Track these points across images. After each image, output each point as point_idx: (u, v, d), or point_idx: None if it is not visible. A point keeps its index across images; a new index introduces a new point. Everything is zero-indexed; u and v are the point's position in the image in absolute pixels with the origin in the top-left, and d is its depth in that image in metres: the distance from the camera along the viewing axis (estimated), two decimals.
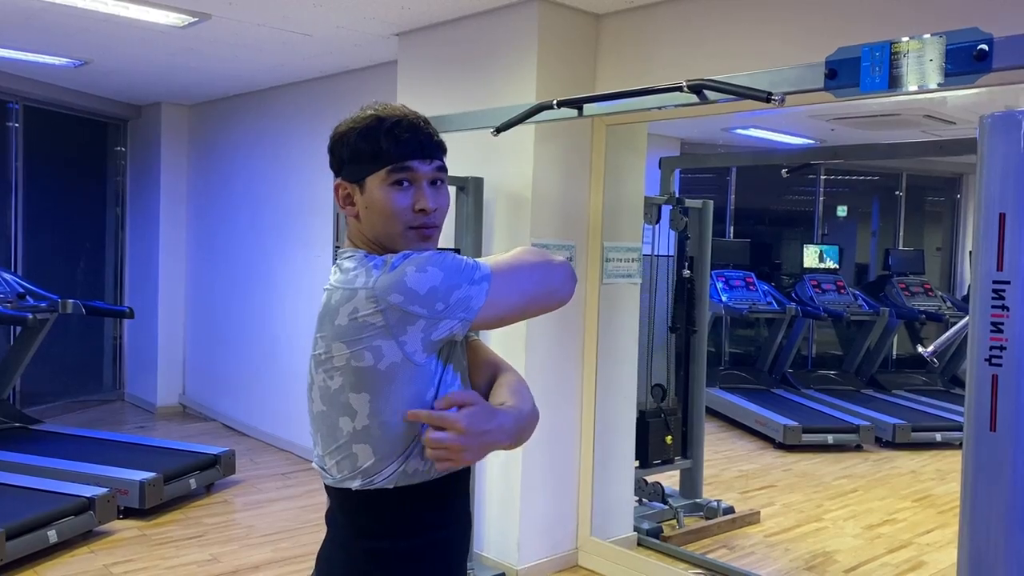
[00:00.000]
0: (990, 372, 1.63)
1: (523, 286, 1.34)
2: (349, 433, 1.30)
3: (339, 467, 1.32)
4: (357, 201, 1.39)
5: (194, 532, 4.31)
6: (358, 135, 1.38)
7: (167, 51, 4.97)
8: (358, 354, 1.26)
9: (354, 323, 1.26)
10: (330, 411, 1.32)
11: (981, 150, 1.66)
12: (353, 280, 1.30)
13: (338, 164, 1.41)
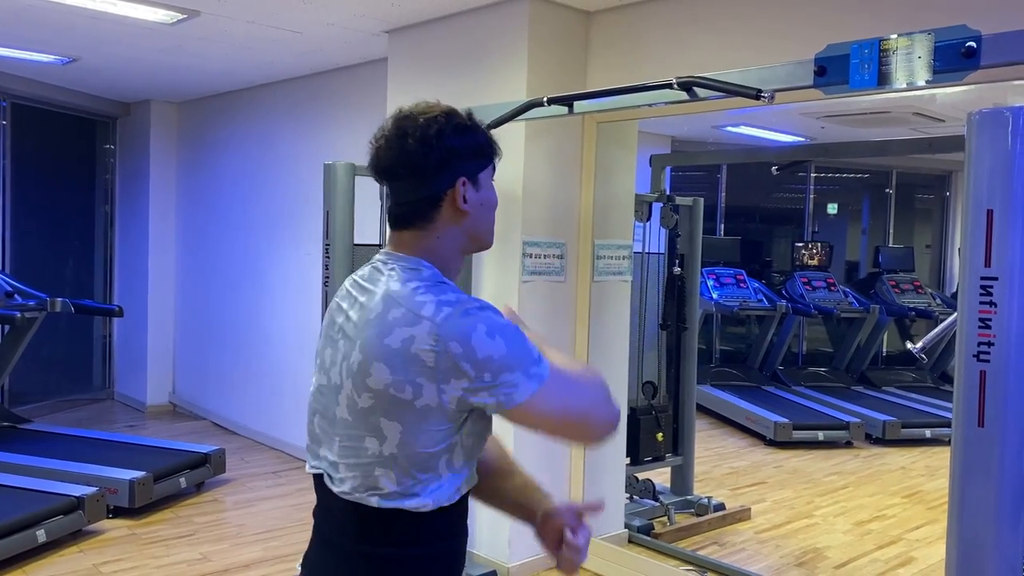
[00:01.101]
0: (978, 368, 1.64)
1: (569, 404, 1.29)
2: (375, 455, 1.26)
3: (354, 481, 1.29)
4: (471, 199, 1.34)
5: (184, 531, 4.29)
6: (469, 129, 1.34)
7: (156, 48, 4.95)
8: (399, 384, 1.22)
9: (406, 352, 1.22)
10: (356, 424, 1.28)
11: (969, 147, 1.67)
12: (420, 305, 1.24)
13: (459, 160, 1.32)
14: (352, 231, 3.24)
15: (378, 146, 1.35)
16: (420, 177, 1.31)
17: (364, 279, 1.35)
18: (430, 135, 1.30)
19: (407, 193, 1.33)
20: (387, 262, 1.35)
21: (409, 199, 1.33)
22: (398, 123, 1.33)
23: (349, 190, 3.22)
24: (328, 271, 3.22)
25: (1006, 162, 1.61)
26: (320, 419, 1.36)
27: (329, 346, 1.35)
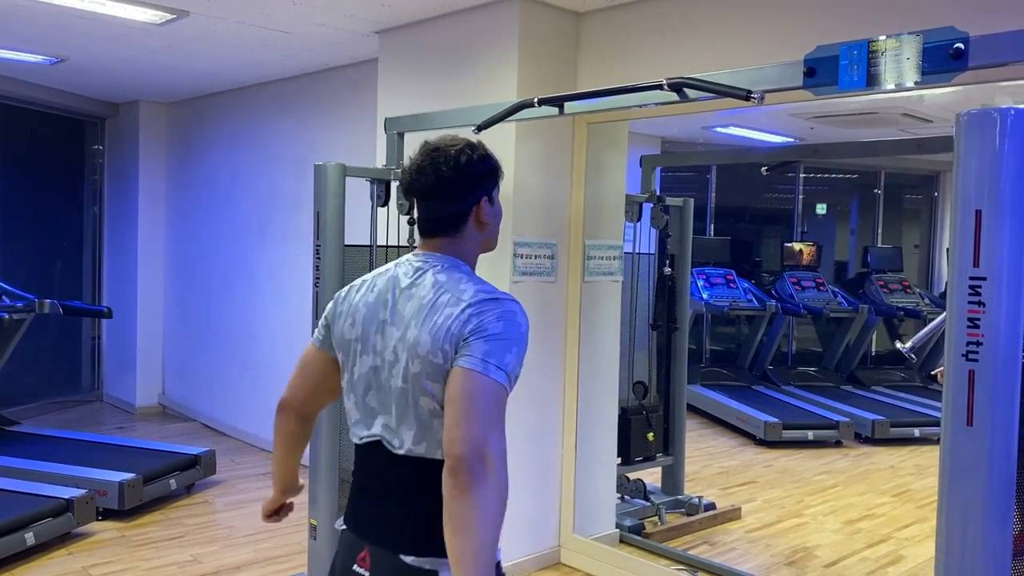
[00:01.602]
0: (967, 367, 1.65)
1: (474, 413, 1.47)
2: (430, 411, 1.54)
3: (415, 439, 1.55)
4: (488, 213, 1.68)
5: (174, 533, 4.28)
6: (488, 158, 1.68)
7: (145, 48, 4.93)
8: (434, 350, 1.52)
9: (445, 327, 1.52)
10: (410, 389, 1.55)
11: (957, 148, 1.68)
12: (463, 292, 1.56)
13: (484, 181, 1.66)
14: (343, 232, 3.23)
15: (413, 173, 1.64)
16: (452, 198, 1.63)
17: (407, 275, 1.63)
18: (461, 164, 1.62)
19: (440, 210, 1.64)
20: (428, 260, 1.64)
21: (441, 215, 1.64)
22: (431, 155, 1.63)
23: (340, 191, 3.21)
24: (319, 272, 3.21)
25: (994, 162, 1.62)
26: (375, 393, 1.61)
27: (377, 332, 1.61)
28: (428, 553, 1.54)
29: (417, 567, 1.54)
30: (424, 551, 1.54)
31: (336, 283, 3.22)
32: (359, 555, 1.62)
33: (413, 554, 1.55)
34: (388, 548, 1.58)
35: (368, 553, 1.61)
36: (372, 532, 1.62)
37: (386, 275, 1.67)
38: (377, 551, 1.59)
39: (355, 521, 1.66)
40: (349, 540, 1.67)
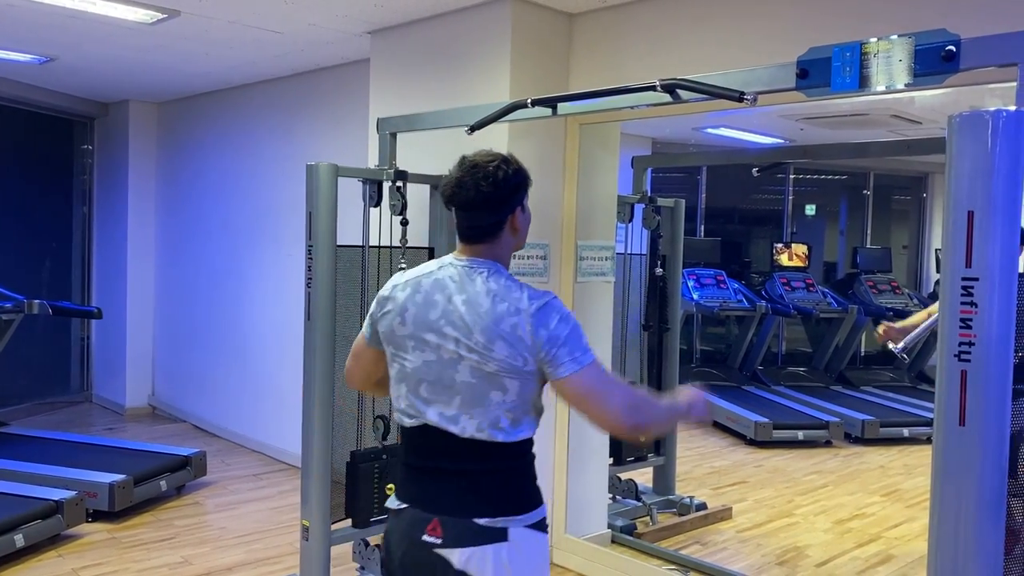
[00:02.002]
0: (959, 367, 1.66)
1: (593, 392, 1.76)
2: (499, 403, 1.77)
3: (478, 424, 1.78)
4: (521, 220, 1.89)
5: (165, 534, 4.26)
6: (520, 171, 1.88)
7: (135, 48, 4.91)
8: (513, 356, 1.75)
9: (515, 334, 1.74)
10: (480, 384, 1.77)
11: (950, 149, 1.69)
12: (517, 300, 1.77)
13: (518, 191, 1.87)
14: (335, 232, 3.22)
15: (454, 187, 1.83)
16: (490, 209, 1.84)
17: (453, 279, 1.83)
18: (499, 179, 1.82)
19: (480, 220, 1.84)
20: (471, 265, 1.84)
21: (481, 224, 1.84)
22: (471, 171, 1.83)
23: (332, 191, 3.20)
24: (311, 272, 3.21)
25: (986, 164, 1.63)
26: (428, 386, 1.82)
27: (430, 332, 1.81)
28: (499, 514, 1.79)
29: (490, 527, 1.78)
30: (496, 513, 1.79)
31: (328, 283, 3.22)
32: (428, 526, 1.80)
33: (487, 516, 1.78)
34: (461, 515, 1.79)
35: (438, 523, 1.79)
36: (442, 504, 1.81)
37: (430, 278, 1.86)
38: (448, 519, 1.79)
39: (420, 497, 1.84)
40: (413, 515, 1.83)
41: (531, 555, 1.81)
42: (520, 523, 1.80)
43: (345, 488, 3.43)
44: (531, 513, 1.82)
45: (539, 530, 1.84)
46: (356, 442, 3.49)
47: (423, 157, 3.82)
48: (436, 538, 1.79)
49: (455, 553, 1.77)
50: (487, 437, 1.79)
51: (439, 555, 1.78)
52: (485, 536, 1.77)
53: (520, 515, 1.80)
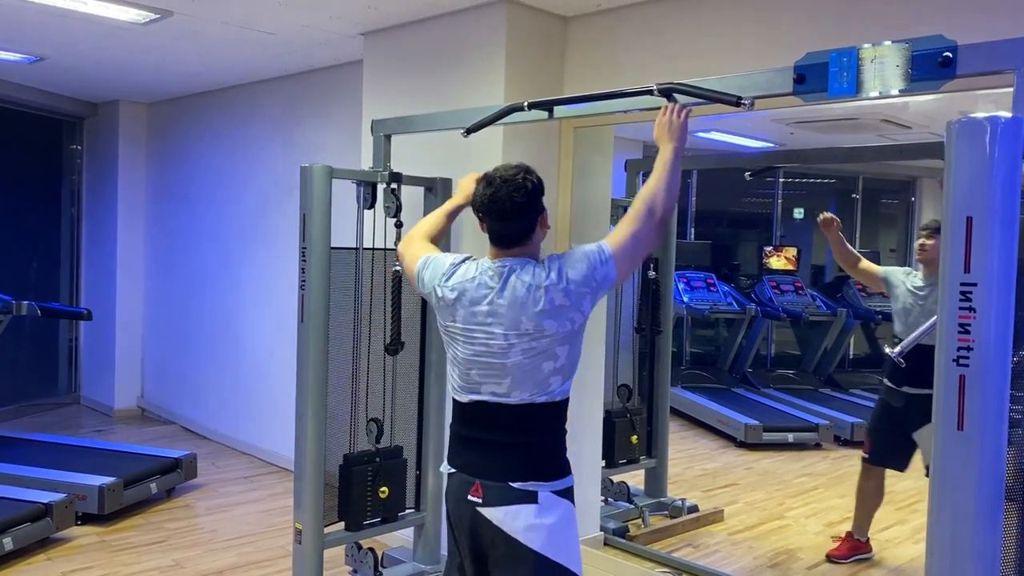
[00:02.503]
0: (958, 372, 1.67)
1: (636, 249, 2.14)
2: (550, 370, 2.09)
3: (530, 396, 2.10)
4: (545, 221, 2.19)
5: (155, 538, 4.24)
6: (538, 177, 2.18)
7: (127, 48, 4.88)
8: (562, 324, 2.06)
9: (555, 306, 2.05)
10: (532, 362, 2.08)
11: (948, 155, 1.70)
12: (545, 278, 2.07)
13: (541, 195, 2.17)
14: (329, 234, 3.21)
15: (489, 202, 2.12)
16: (525, 215, 2.13)
17: (493, 280, 2.12)
18: (529, 189, 2.13)
19: (517, 226, 2.14)
20: (506, 265, 2.13)
21: (519, 229, 2.14)
22: (504, 185, 2.12)
23: (326, 193, 3.19)
24: (305, 275, 3.20)
25: (985, 169, 1.64)
26: (479, 370, 2.14)
27: (480, 327, 2.11)
28: (530, 479, 2.09)
29: (522, 489, 2.08)
30: (527, 478, 2.09)
31: (322, 285, 3.21)
32: (471, 489, 2.13)
33: (520, 480, 2.08)
34: (498, 479, 2.10)
35: (480, 486, 2.11)
36: (484, 470, 2.13)
37: (474, 282, 2.15)
38: (488, 483, 2.11)
39: (466, 465, 2.18)
40: (460, 480, 2.17)
41: (558, 517, 2.10)
42: (548, 488, 2.09)
43: (338, 491, 3.42)
44: (558, 481, 2.13)
45: (565, 497, 2.13)
46: (349, 444, 3.48)
47: (417, 159, 3.81)
48: (478, 498, 2.11)
49: (493, 512, 2.09)
50: (531, 400, 2.10)
51: (480, 513, 2.11)
52: (518, 497, 2.07)
53: (548, 481, 2.10)
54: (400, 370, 3.62)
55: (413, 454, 3.69)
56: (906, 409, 3.90)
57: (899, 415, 3.93)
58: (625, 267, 2.13)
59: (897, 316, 4.04)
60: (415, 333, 3.65)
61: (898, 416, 3.94)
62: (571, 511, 2.16)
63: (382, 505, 3.49)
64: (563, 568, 2.11)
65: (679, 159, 2.24)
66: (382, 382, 3.56)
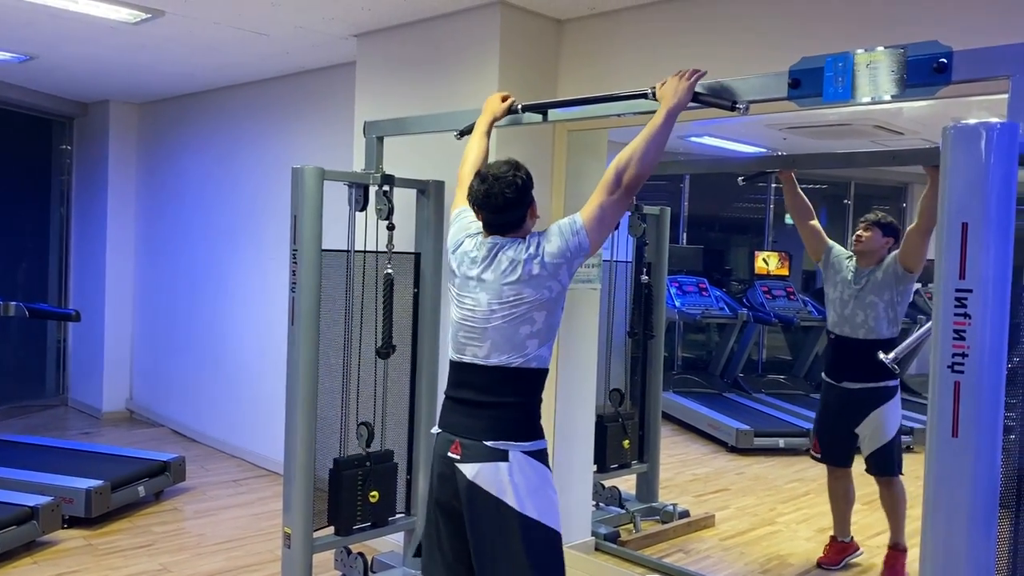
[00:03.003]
0: (952, 379, 1.66)
1: (604, 218, 2.29)
2: (527, 333, 2.29)
3: (508, 359, 2.30)
4: (534, 211, 2.41)
5: (143, 541, 4.20)
6: (527, 172, 2.39)
7: (118, 48, 4.85)
8: (539, 291, 2.27)
9: (533, 277, 2.27)
10: (510, 326, 2.28)
11: (944, 161, 1.69)
12: (526, 250, 2.29)
13: (530, 189, 2.38)
14: (320, 236, 3.19)
15: (483, 197, 2.34)
16: (516, 208, 2.35)
17: (483, 256, 2.35)
18: (518, 184, 2.34)
19: (508, 217, 2.35)
20: (496, 242, 2.35)
21: (509, 220, 2.36)
22: (496, 182, 2.32)
23: (317, 195, 3.17)
24: (295, 277, 3.17)
25: (980, 175, 1.64)
26: (467, 332, 2.35)
27: (469, 293, 2.36)
28: (502, 439, 2.27)
29: (495, 448, 2.26)
30: (499, 438, 2.27)
31: (313, 288, 3.19)
32: (451, 447, 2.33)
33: (492, 439, 2.27)
34: (474, 438, 2.29)
35: (459, 444, 2.31)
36: (463, 429, 2.33)
37: (469, 255, 2.39)
38: (466, 441, 2.30)
39: (450, 424, 2.37)
40: (444, 438, 2.37)
41: (528, 476, 2.27)
42: (518, 448, 2.27)
43: (328, 495, 3.40)
44: (529, 443, 2.30)
45: (535, 458, 2.30)
46: (340, 449, 3.45)
47: (409, 161, 3.80)
48: (456, 455, 2.31)
49: (468, 467, 2.28)
50: (507, 363, 2.29)
51: (458, 468, 2.29)
52: (491, 455, 2.26)
53: (519, 442, 2.28)
54: (391, 374, 3.60)
55: (404, 458, 3.67)
56: (847, 404, 3.90)
57: (841, 410, 3.94)
58: (596, 236, 2.29)
59: (831, 305, 3.97)
60: (407, 336, 3.63)
61: (840, 412, 3.94)
62: (542, 470, 2.32)
63: (372, 509, 3.46)
64: (541, 524, 2.27)
65: (672, 122, 2.32)
66: (373, 386, 3.54)
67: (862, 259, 3.91)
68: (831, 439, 4.04)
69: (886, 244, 3.92)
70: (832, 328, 3.96)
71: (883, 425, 3.83)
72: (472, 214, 2.47)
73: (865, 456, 3.91)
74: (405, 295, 3.62)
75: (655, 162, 2.31)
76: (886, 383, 3.81)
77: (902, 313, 3.83)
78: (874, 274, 3.85)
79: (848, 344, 3.86)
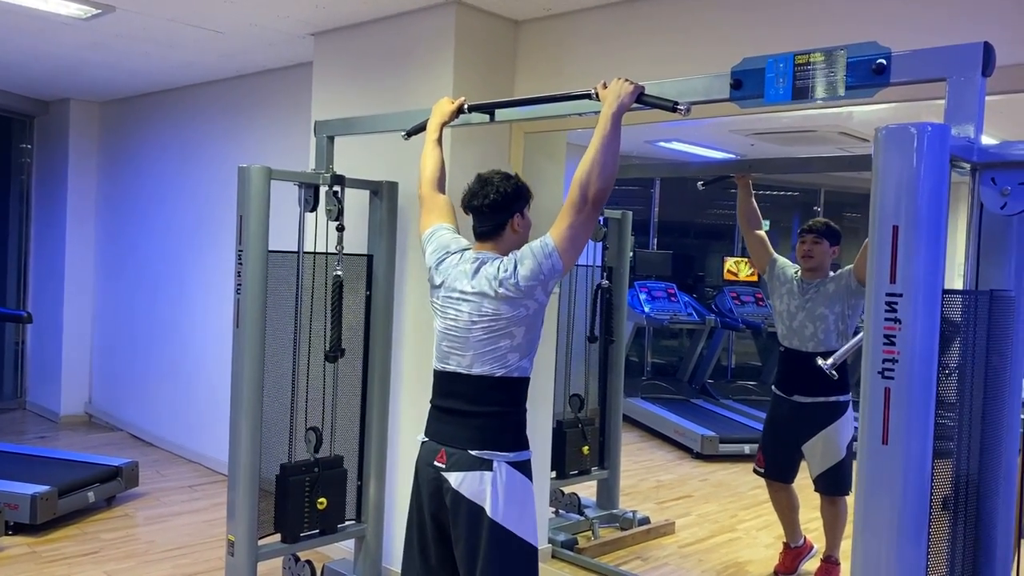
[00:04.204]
0: (883, 385, 1.63)
1: (575, 237, 2.29)
2: (507, 347, 2.32)
3: (490, 370, 2.33)
4: (520, 223, 2.43)
5: (89, 548, 4.10)
6: (520, 186, 2.44)
7: (74, 45, 4.76)
8: (516, 308, 2.30)
9: (509, 297, 2.29)
10: (492, 338, 2.32)
11: (876, 163, 1.66)
12: (505, 270, 2.30)
13: (517, 202, 2.42)
14: (267, 237, 3.13)
15: (469, 198, 2.42)
16: (497, 213, 2.40)
17: (467, 270, 2.38)
18: (502, 191, 2.39)
19: (489, 222, 2.41)
20: (479, 258, 2.39)
21: (491, 225, 2.41)
22: (483, 185, 2.41)
23: (264, 194, 3.11)
24: (241, 278, 3.11)
25: (911, 178, 1.61)
26: (450, 342, 2.39)
27: (452, 305, 2.39)
28: (487, 448, 2.31)
29: (480, 457, 2.30)
30: (484, 447, 2.31)
31: (259, 290, 3.12)
32: (437, 456, 2.36)
33: (478, 449, 2.30)
34: (459, 447, 2.32)
35: (444, 453, 2.35)
36: (448, 437, 2.36)
37: (454, 270, 2.41)
38: (451, 450, 2.33)
39: (436, 433, 2.41)
40: (429, 447, 2.41)
41: (510, 486, 2.29)
42: (503, 459, 2.29)
43: (275, 501, 3.32)
44: (513, 453, 2.32)
45: (519, 469, 2.32)
46: (287, 454, 3.38)
47: (363, 162, 3.74)
48: (442, 463, 2.34)
49: (453, 476, 2.31)
50: (489, 372, 2.32)
51: (444, 476, 2.33)
52: (475, 464, 2.29)
53: (503, 452, 2.30)
54: (341, 378, 3.54)
55: (354, 464, 3.60)
56: (797, 419, 3.83)
57: (789, 425, 3.86)
58: (569, 256, 2.30)
59: (779, 317, 3.90)
60: (358, 340, 3.57)
61: (788, 426, 3.87)
62: (525, 483, 2.34)
63: (320, 516, 3.39)
64: (513, 535, 2.28)
65: (618, 125, 2.28)
66: (322, 390, 3.47)
67: (809, 272, 3.84)
68: (777, 453, 3.96)
69: (833, 254, 3.87)
70: (782, 340, 3.90)
71: (834, 443, 3.75)
72: (449, 232, 2.54)
73: (814, 476, 3.83)
74: (358, 298, 3.56)
75: (614, 171, 2.27)
76: (837, 398, 3.75)
77: (852, 326, 3.76)
78: (824, 286, 3.76)
79: (798, 357, 3.79)
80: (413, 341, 3.70)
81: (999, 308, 1.82)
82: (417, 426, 3.75)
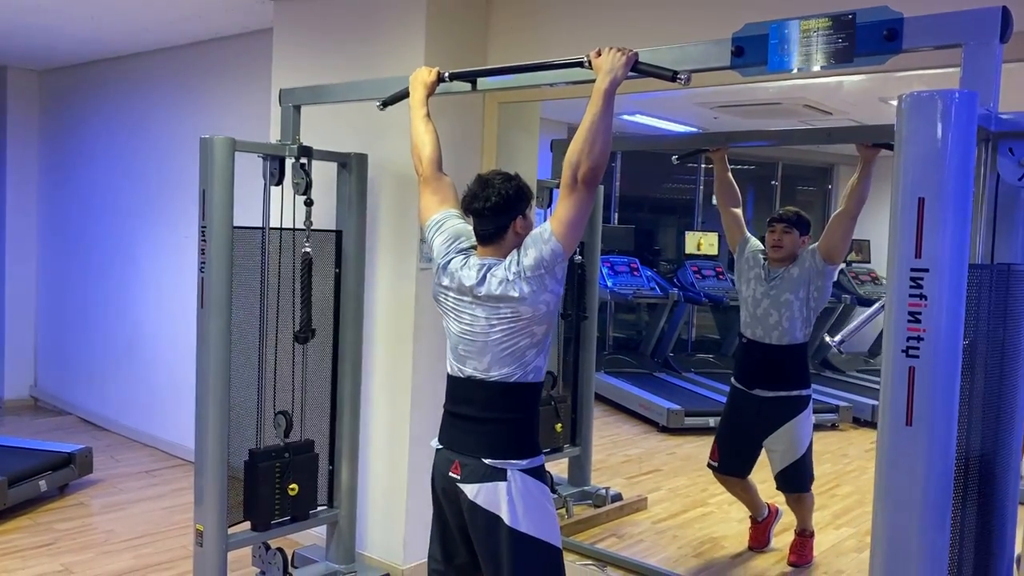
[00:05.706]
0: (907, 364, 1.56)
1: (572, 220, 2.21)
2: (527, 345, 2.26)
3: (507, 374, 2.27)
4: (522, 226, 2.33)
5: (44, 540, 3.92)
6: (521, 188, 2.34)
7: (8, 7, 4.47)
8: (537, 307, 2.23)
9: (523, 295, 2.22)
10: (511, 338, 2.25)
11: (899, 132, 1.58)
12: (508, 275, 2.24)
13: (518, 204, 2.32)
14: (231, 212, 2.97)
15: (471, 199, 2.33)
16: (499, 216, 2.31)
17: (475, 276, 2.30)
18: (503, 193, 2.30)
19: (490, 225, 2.32)
20: (484, 263, 2.32)
21: (492, 228, 2.32)
22: (484, 187, 2.32)
23: (228, 167, 2.94)
24: (204, 256, 2.94)
25: (938, 148, 1.54)
26: (466, 345, 2.32)
27: (466, 309, 2.32)
28: (501, 457, 2.26)
29: (493, 466, 2.25)
30: (499, 456, 2.26)
31: (224, 268, 2.96)
32: (452, 465, 2.32)
33: (492, 458, 2.26)
34: (473, 456, 2.28)
35: (459, 464, 2.30)
36: (461, 446, 2.32)
37: (461, 274, 2.34)
38: (465, 459, 2.29)
39: (450, 441, 2.36)
40: (445, 455, 2.36)
41: (526, 493, 2.25)
42: (516, 467, 2.25)
43: (244, 488, 3.19)
44: (526, 460, 2.27)
45: (533, 476, 2.29)
46: (256, 439, 3.24)
47: (331, 133, 3.58)
48: (456, 475, 2.31)
49: (469, 488, 2.27)
50: (507, 378, 2.27)
51: (460, 488, 2.29)
52: (490, 475, 2.25)
53: (518, 460, 2.26)
54: (311, 359, 3.40)
55: (325, 448, 3.47)
56: (757, 413, 3.76)
57: (750, 419, 3.79)
58: (568, 239, 2.23)
59: (744, 303, 3.82)
60: (328, 320, 3.43)
61: (749, 420, 3.80)
62: (540, 487, 2.31)
63: (291, 503, 3.27)
64: (536, 540, 2.26)
65: (611, 101, 2.19)
66: (291, 372, 3.33)
67: (777, 262, 3.78)
68: (734, 449, 3.90)
69: (803, 243, 3.79)
70: (744, 330, 3.82)
71: (795, 439, 3.70)
72: (460, 221, 2.47)
73: (775, 473, 3.79)
74: (326, 276, 3.42)
75: (605, 149, 2.18)
76: (800, 392, 3.71)
77: (815, 315, 3.71)
78: (789, 271, 3.69)
79: (761, 349, 3.72)
80: (384, 320, 3.57)
81: (1015, 282, 1.77)
82: (389, 408, 3.65)
